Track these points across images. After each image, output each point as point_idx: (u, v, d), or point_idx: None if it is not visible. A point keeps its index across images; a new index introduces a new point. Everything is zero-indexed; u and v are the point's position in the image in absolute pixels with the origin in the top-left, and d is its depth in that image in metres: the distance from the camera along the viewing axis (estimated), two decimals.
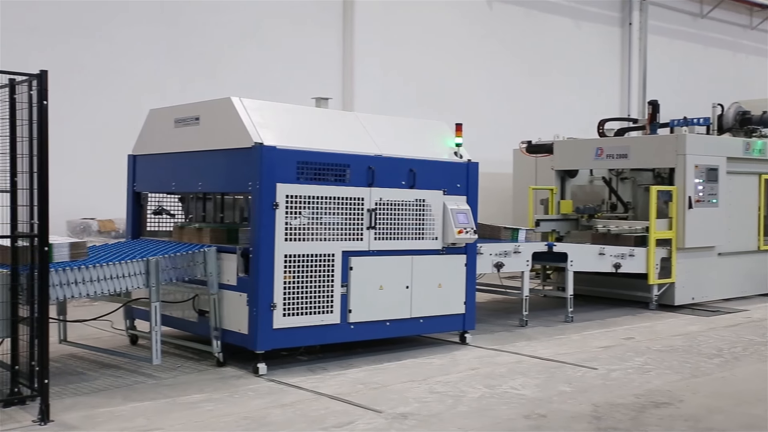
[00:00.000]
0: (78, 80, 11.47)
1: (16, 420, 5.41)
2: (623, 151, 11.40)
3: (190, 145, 7.53)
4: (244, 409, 5.80)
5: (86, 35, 11.87)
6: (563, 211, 12.01)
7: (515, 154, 14.63)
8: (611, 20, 19.92)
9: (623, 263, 10.39)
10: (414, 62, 15.82)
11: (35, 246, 5.52)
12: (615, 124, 13.77)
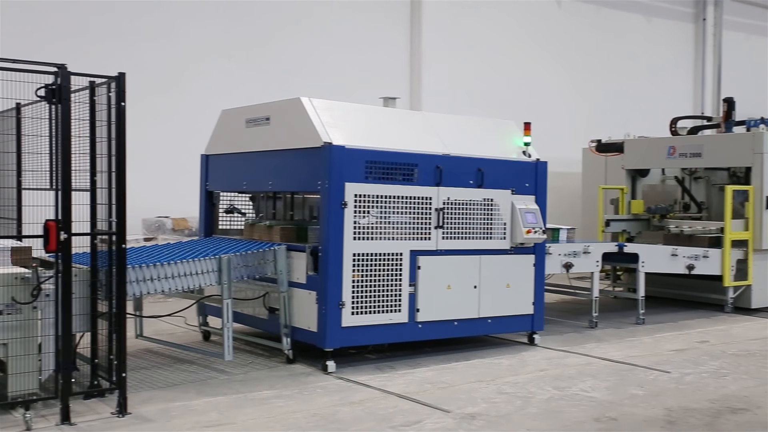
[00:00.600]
0: (154, 82, 11.78)
1: (96, 412, 5.60)
2: (697, 149, 11.10)
3: (261, 144, 7.66)
4: (314, 406, 5.87)
5: (161, 38, 12.19)
6: (634, 211, 11.77)
7: (584, 153, 14.39)
8: (684, 16, 19.40)
9: (697, 265, 10.12)
10: (482, 61, 15.73)
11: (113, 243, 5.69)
12: (688, 122, 13.41)
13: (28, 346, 5.46)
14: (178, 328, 8.47)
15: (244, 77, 12.79)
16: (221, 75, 12.68)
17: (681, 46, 19.35)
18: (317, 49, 13.80)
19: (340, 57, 14.03)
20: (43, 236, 5.32)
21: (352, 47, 14.20)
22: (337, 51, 14.03)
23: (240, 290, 7.63)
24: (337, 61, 13.97)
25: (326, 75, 13.62)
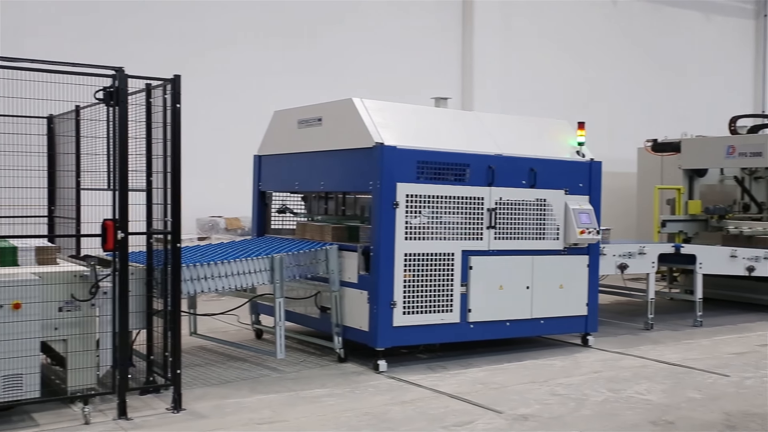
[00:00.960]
0: (208, 84, 11.95)
1: (151, 407, 5.70)
2: (757, 149, 10.79)
3: (313, 145, 7.71)
4: (365, 405, 5.87)
5: (215, 41, 12.37)
6: (691, 211, 11.49)
7: (640, 152, 14.11)
8: (744, 12, 18.88)
9: (757, 266, 9.82)
10: (534, 60, 15.57)
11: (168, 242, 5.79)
12: (748, 121, 13.03)
13: (86, 343, 5.59)
14: (231, 326, 8.57)
15: (296, 78, 12.89)
16: (274, 76, 12.80)
17: (740, 44, 18.84)
18: (368, 50, 13.83)
19: (391, 57, 14.04)
20: (101, 235, 5.44)
21: (402, 47, 14.20)
22: (388, 51, 14.04)
23: (292, 289, 7.68)
24: (388, 61, 13.98)
25: (377, 75, 13.64)
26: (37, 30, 10.81)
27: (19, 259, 5.87)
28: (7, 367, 5.05)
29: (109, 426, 5.25)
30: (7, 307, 5.06)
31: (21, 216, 7.30)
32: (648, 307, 9.19)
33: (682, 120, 15.40)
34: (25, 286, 5.17)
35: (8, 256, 5.84)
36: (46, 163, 7.82)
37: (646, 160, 13.83)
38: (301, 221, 8.39)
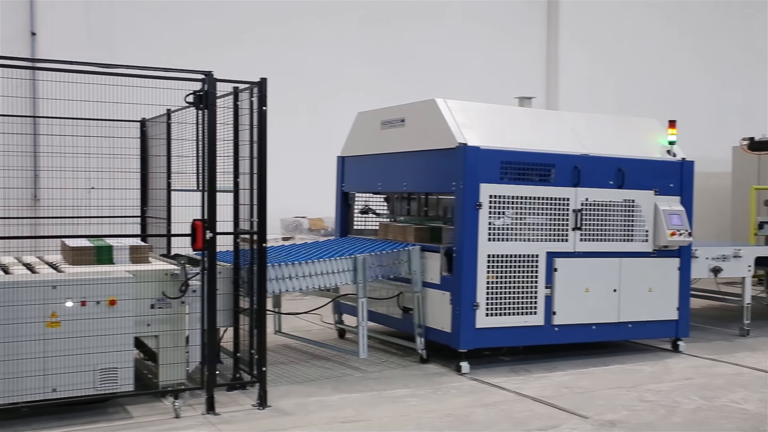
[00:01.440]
0: (292, 86, 12.13)
1: (238, 403, 5.82)
2: None
3: (396, 146, 7.72)
4: (448, 407, 5.84)
5: (299, 43, 12.56)
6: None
7: (734, 151, 13.54)
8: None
9: None
10: (622, 57, 15.16)
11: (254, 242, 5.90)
12: None
13: (176, 339, 5.76)
14: (314, 326, 8.68)
15: (379, 80, 12.95)
16: (357, 77, 12.89)
17: None
18: (451, 50, 13.77)
19: (474, 57, 13.94)
20: (191, 235, 5.59)
21: (485, 47, 14.07)
22: (471, 51, 13.94)
23: (374, 289, 7.71)
24: (471, 62, 13.88)
25: (460, 76, 13.57)
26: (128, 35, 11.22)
27: (114, 258, 6.09)
28: (103, 360, 5.25)
29: (198, 420, 5.39)
30: (104, 303, 5.26)
31: (116, 216, 7.59)
32: (744, 312, 8.81)
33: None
34: (120, 283, 5.36)
35: (105, 254, 6.07)
36: (139, 165, 8.11)
37: (742, 159, 13.25)
38: (384, 222, 8.42)
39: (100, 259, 6.05)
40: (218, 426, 5.28)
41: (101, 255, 6.07)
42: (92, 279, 5.28)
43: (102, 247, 6.10)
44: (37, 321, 5.07)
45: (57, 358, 5.11)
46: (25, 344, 5.03)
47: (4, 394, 4.99)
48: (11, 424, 5.17)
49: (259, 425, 5.34)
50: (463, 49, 13.88)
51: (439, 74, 13.46)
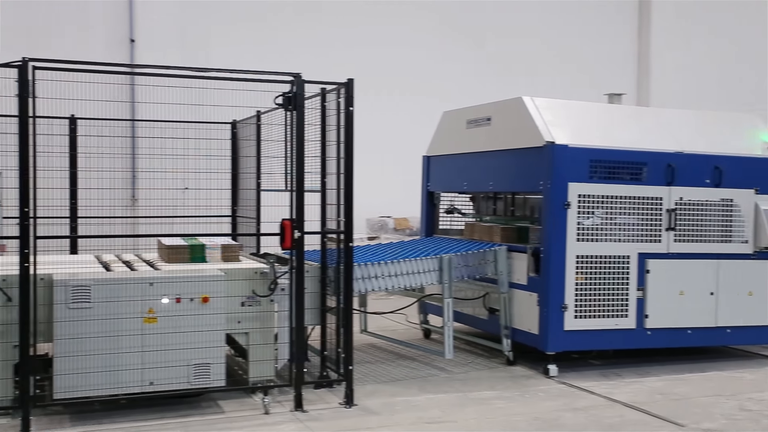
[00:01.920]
0: (378, 86, 12.19)
1: (325, 401, 5.89)
2: None
3: (482, 145, 7.66)
4: (535, 410, 5.74)
5: (385, 42, 12.63)
6: None
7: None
8: None
9: None
10: (718, 52, 14.58)
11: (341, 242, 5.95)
12: None
13: (265, 336, 5.88)
14: (399, 325, 8.70)
15: (464, 78, 12.88)
16: (442, 76, 12.87)
17: None
18: (537, 47, 13.57)
19: (562, 53, 13.68)
20: (280, 234, 5.69)
21: (575, 43, 13.79)
22: (559, 48, 13.70)
23: (460, 290, 7.67)
24: (559, 59, 13.63)
25: (546, 72, 13.35)
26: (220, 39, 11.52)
27: (207, 256, 6.26)
28: (197, 356, 5.41)
29: (286, 417, 5.48)
30: (197, 300, 5.42)
31: (208, 216, 7.81)
32: None
33: None
34: (213, 281, 5.52)
35: (197, 253, 6.25)
36: (230, 166, 8.32)
37: None
38: (470, 222, 8.36)
39: (194, 257, 6.24)
40: (306, 423, 5.36)
41: (194, 253, 6.25)
42: (186, 277, 5.45)
43: (195, 245, 6.28)
44: (135, 316, 5.27)
45: (154, 352, 5.30)
46: (124, 338, 5.24)
47: (106, 386, 5.21)
48: (112, 415, 5.39)
49: (345, 423, 5.39)
50: (551, 46, 13.65)
51: (525, 72, 13.27)
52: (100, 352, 5.17)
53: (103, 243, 7.00)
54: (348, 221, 5.90)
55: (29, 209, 4.99)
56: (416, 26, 12.90)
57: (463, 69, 13.05)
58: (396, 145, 12.22)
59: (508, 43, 13.43)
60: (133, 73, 8.50)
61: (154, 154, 7.50)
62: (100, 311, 5.19)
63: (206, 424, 5.28)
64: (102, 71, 5.53)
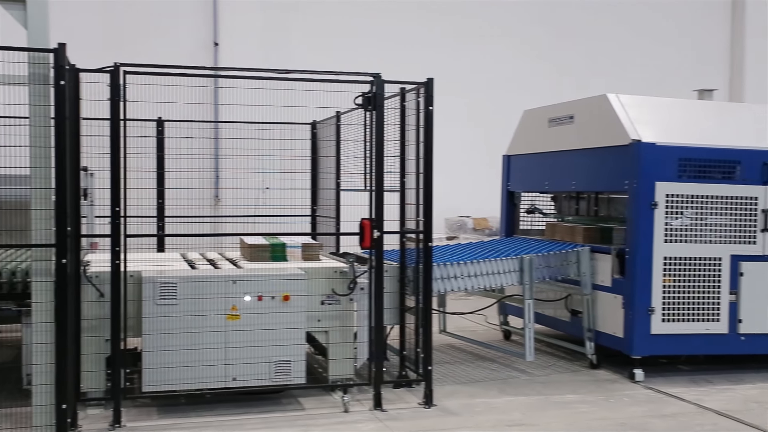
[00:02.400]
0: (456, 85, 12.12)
1: (404, 401, 5.88)
2: None
3: (564, 144, 7.50)
4: (620, 415, 5.58)
5: (464, 40, 12.55)
6: None
7: None
8: None
9: None
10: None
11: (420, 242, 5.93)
12: None
13: (345, 335, 5.91)
14: (478, 326, 8.61)
15: (545, 77, 12.67)
16: (523, 74, 12.69)
17: None
18: (622, 43, 13.22)
19: (648, 49, 13.29)
20: (359, 234, 5.71)
21: (662, 37, 13.38)
22: (644, 43, 13.31)
23: (541, 291, 7.53)
24: (645, 54, 13.25)
25: (632, 69, 12.99)
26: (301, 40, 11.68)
27: (287, 255, 6.34)
28: (277, 353, 5.49)
29: (365, 416, 5.49)
30: (278, 298, 5.50)
31: (288, 215, 7.91)
32: None
33: None
34: (294, 279, 5.58)
35: (278, 252, 6.34)
36: (309, 166, 8.41)
37: None
38: (551, 222, 8.20)
39: (275, 256, 6.33)
40: (385, 422, 5.36)
41: (275, 252, 6.34)
42: (268, 275, 5.53)
43: (276, 244, 6.37)
44: (219, 313, 5.38)
45: (237, 349, 5.40)
46: (208, 335, 5.36)
47: (191, 380, 5.34)
48: (197, 409, 5.52)
49: (425, 424, 5.36)
50: (637, 41, 13.28)
51: (609, 70, 12.95)
52: (185, 347, 5.31)
53: (188, 241, 7.18)
54: (427, 221, 5.87)
55: (120, 208, 5.15)
56: (495, 23, 12.75)
57: (545, 67, 12.83)
58: (475, 144, 12.14)
59: (593, 39, 13.13)
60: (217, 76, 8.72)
61: (236, 154, 7.65)
62: (186, 308, 5.33)
63: (287, 421, 5.34)
64: (188, 74, 5.66)
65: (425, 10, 12.44)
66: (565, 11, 13.07)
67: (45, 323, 4.61)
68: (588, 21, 13.16)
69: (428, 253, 5.84)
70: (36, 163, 4.58)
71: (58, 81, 4.59)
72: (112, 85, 5.13)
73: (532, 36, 12.92)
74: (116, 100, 5.13)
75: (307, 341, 6.04)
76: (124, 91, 5.15)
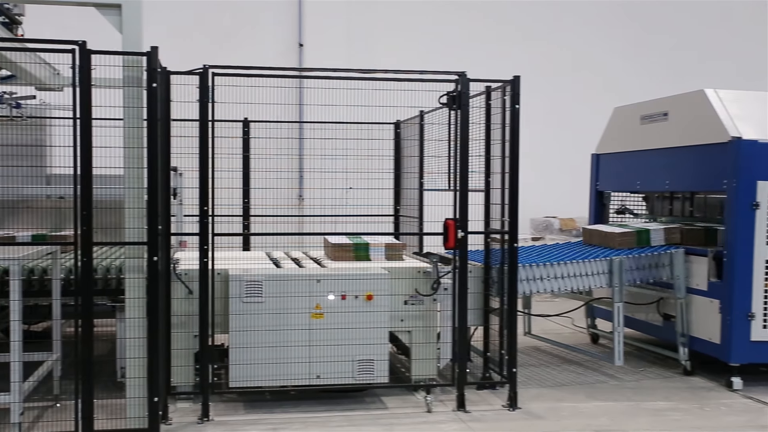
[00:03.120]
0: (543, 81, 11.91)
1: (487, 402, 5.79)
2: None
3: (657, 142, 7.24)
4: (716, 425, 5.34)
5: (550, 37, 12.32)
6: None
7: None
8: None
9: None
10: None
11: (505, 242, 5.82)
12: None
13: (428, 335, 5.86)
14: (564, 329, 8.42)
15: (634, 73, 12.31)
16: (612, 72, 12.36)
17: None
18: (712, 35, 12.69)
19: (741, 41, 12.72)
20: (443, 234, 5.66)
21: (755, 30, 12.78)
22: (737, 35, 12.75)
23: (631, 294, 7.29)
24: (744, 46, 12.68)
25: (729, 62, 12.46)
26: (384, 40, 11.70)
27: (371, 255, 6.34)
28: (361, 352, 5.49)
29: (449, 416, 5.44)
30: (362, 297, 5.50)
31: (371, 215, 7.92)
32: None
33: None
34: (377, 279, 5.57)
35: (362, 251, 6.34)
36: (392, 166, 8.39)
37: None
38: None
39: (358, 255, 6.34)
40: (469, 424, 5.28)
41: (359, 252, 6.35)
42: (352, 274, 5.54)
43: (360, 244, 6.38)
44: (303, 312, 5.43)
45: (320, 347, 5.43)
46: (293, 333, 5.41)
47: (276, 377, 5.40)
48: (282, 405, 5.59)
49: (509, 426, 5.27)
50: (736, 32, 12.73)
51: (700, 65, 12.47)
52: (270, 344, 5.38)
53: (273, 240, 7.28)
54: (513, 221, 5.77)
55: (208, 208, 5.26)
56: (581, 20, 12.47)
57: (633, 63, 12.47)
58: (562, 142, 11.90)
59: (684, 33, 12.67)
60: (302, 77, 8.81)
61: (320, 154, 7.71)
62: (271, 306, 5.40)
63: (370, 419, 5.34)
64: (273, 75, 5.73)
65: (511, 7, 12.27)
66: (653, 8, 12.65)
67: (137, 319, 4.76)
68: (679, 15, 12.70)
69: (514, 254, 5.73)
70: (129, 163, 4.72)
71: (150, 83, 4.72)
72: (201, 86, 5.23)
73: (622, 32, 12.57)
74: (205, 102, 5.24)
75: (390, 341, 6.03)
76: (212, 92, 5.25)
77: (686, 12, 12.74)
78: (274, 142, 7.89)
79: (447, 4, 12.02)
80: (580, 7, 12.47)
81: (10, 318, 4.79)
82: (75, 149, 4.61)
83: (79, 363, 4.69)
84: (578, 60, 12.39)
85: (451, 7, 12.04)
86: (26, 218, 7.01)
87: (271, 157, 7.97)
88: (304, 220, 9.65)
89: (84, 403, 4.70)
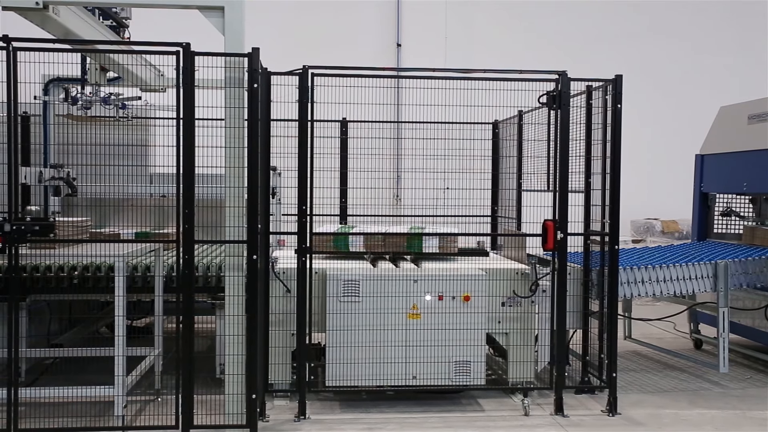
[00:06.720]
0: (648, 81, 11.57)
1: (586, 407, 5.69)
2: None
3: (766, 142, 6.93)
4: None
5: (653, 35, 11.95)
6: None
7: None
8: None
9: None
10: None
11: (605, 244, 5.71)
12: None
13: (525, 337, 5.82)
14: (666, 333, 8.17)
15: (740, 71, 11.78)
16: (715, 70, 11.88)
17: None
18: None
19: None
20: (541, 235, 5.59)
21: None
22: None
23: (737, 299, 7.01)
24: None
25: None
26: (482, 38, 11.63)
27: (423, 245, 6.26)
28: (458, 354, 5.50)
29: (546, 420, 5.38)
30: (459, 298, 5.51)
31: (468, 216, 7.90)
32: None
33: None
34: (474, 280, 5.56)
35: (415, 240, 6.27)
36: (490, 166, 8.34)
37: None
38: (749, 225, 7.61)
39: (410, 244, 6.27)
40: (567, 428, 5.22)
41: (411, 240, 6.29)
42: (449, 275, 5.55)
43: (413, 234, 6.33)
44: (400, 312, 5.48)
45: (417, 348, 5.47)
46: (390, 333, 5.46)
47: (372, 377, 5.47)
48: (378, 405, 5.66)
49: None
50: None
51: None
52: (367, 344, 5.45)
53: None
54: (614, 223, 5.65)
55: (306, 207, 5.36)
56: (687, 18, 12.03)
57: (739, 61, 11.93)
58: (663, 142, 11.53)
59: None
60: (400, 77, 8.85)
61: (416, 154, 7.74)
62: (368, 306, 5.47)
63: (467, 421, 5.34)
64: (372, 75, 5.78)
65: (612, 4, 11.96)
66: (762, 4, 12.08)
67: (236, 316, 4.87)
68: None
69: (614, 256, 5.62)
70: (230, 163, 4.81)
71: (251, 84, 4.81)
72: (300, 87, 5.33)
73: (726, 30, 12.05)
74: (304, 102, 5.34)
75: (487, 342, 6.02)
76: (312, 92, 5.34)
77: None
78: (372, 142, 7.97)
79: (545, 2, 11.84)
80: (686, 6, 12.03)
81: (114, 313, 4.95)
82: (178, 149, 4.71)
83: (180, 359, 4.80)
84: (682, 58, 11.96)
85: (550, 6, 11.85)
86: (130, 216, 7.24)
87: (369, 156, 8.06)
88: (401, 220, 9.70)
89: (184, 398, 4.80)
